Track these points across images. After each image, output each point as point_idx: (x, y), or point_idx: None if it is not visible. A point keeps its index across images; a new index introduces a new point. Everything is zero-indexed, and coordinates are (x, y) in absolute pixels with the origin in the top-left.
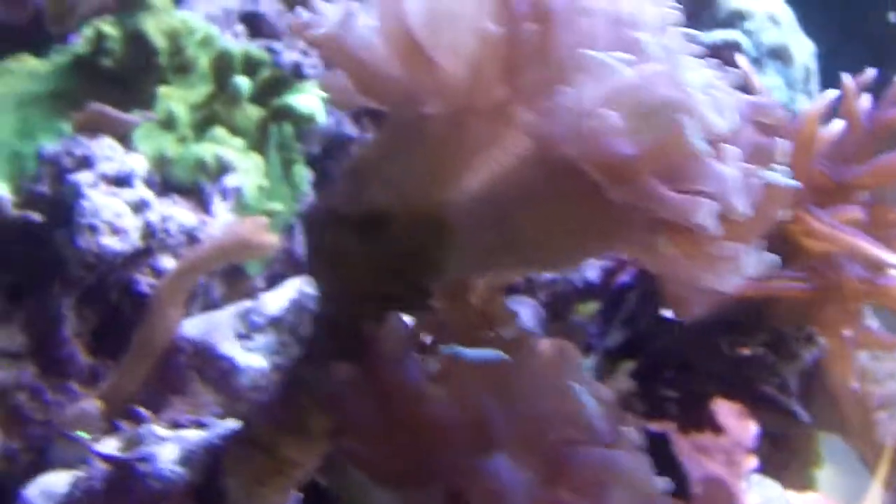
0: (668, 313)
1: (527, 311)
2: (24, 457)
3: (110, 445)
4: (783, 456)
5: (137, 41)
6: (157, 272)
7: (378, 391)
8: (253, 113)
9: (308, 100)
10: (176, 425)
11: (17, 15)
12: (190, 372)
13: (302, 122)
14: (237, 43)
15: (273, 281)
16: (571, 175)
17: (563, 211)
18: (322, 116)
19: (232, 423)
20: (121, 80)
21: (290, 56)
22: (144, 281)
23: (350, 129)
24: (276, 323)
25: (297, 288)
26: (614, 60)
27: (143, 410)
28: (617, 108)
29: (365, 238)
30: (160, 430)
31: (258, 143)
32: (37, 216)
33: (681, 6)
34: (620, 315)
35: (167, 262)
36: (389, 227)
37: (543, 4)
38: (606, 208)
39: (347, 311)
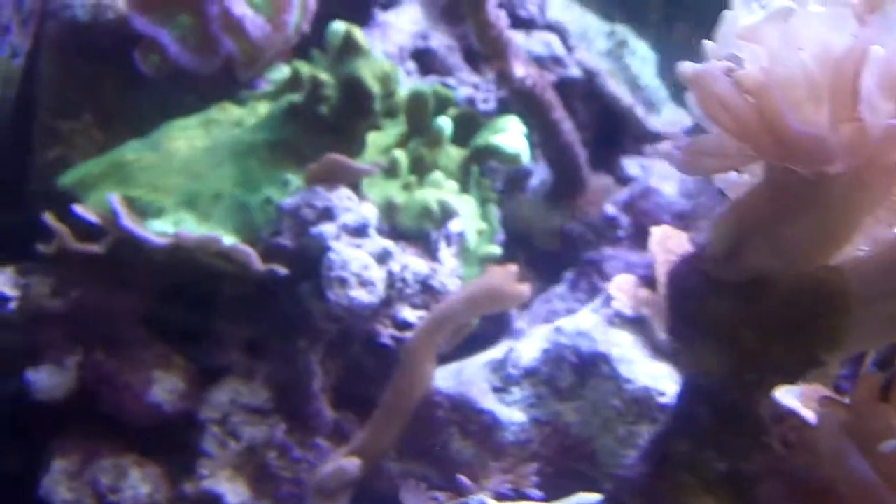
0: None
1: None
2: None
3: None
4: None
5: (354, 87)
6: (397, 323)
7: (813, 488)
8: (455, 153)
9: (513, 139)
10: (499, 496)
11: (209, 63)
12: (449, 427)
13: (508, 161)
14: (418, 81)
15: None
16: None
17: None
18: (527, 156)
19: (583, 498)
20: (335, 127)
21: (464, 91)
22: (386, 332)
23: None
24: (531, 375)
25: (547, 337)
26: None
27: (464, 479)
28: None
29: (744, 305)
30: (490, 501)
31: (461, 183)
32: (282, 270)
33: None
34: (872, 357)
35: (406, 313)
36: (774, 293)
37: None
38: None
39: (726, 381)
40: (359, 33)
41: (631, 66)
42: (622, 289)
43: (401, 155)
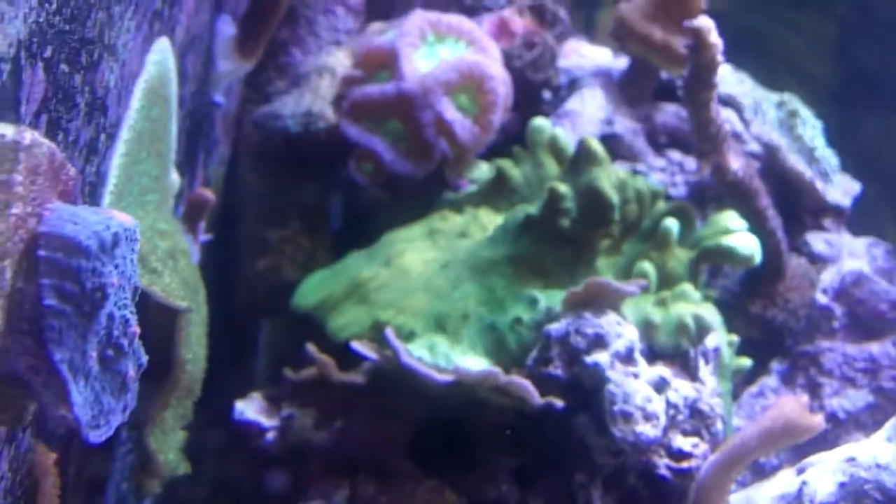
0: None
1: None
2: None
3: None
4: None
5: (594, 198)
6: (673, 453)
7: None
8: (682, 255)
9: (745, 240)
10: None
11: (423, 169)
12: None
13: (740, 263)
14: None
15: None
16: None
17: None
18: (759, 256)
19: None
20: (573, 239)
21: (655, 178)
22: (662, 463)
23: None
24: None
25: (841, 468)
26: None
27: None
28: None
29: None
30: None
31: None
32: (559, 403)
33: None
34: None
35: (679, 441)
36: None
37: None
38: None
39: None
40: (595, 143)
41: (804, 136)
42: None
43: (649, 268)
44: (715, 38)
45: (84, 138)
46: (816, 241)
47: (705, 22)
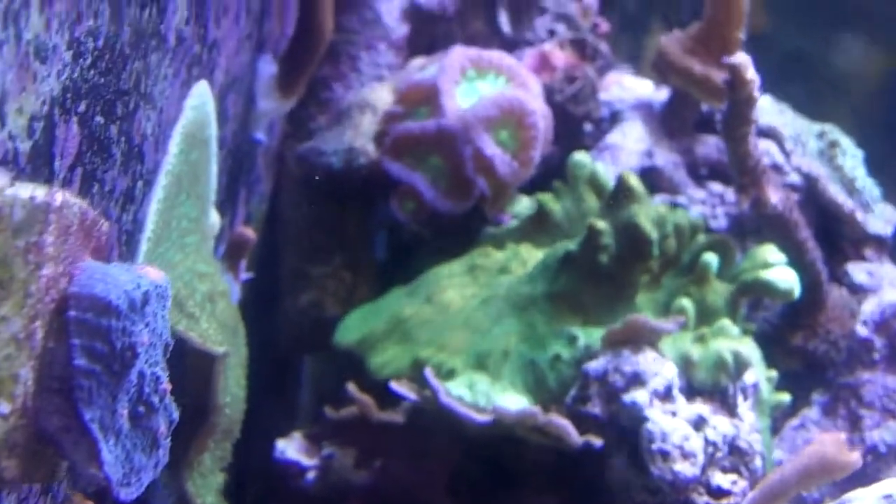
0: None
1: None
2: None
3: None
4: None
5: (633, 234)
6: (712, 491)
7: None
8: (721, 289)
9: (784, 273)
10: None
11: (463, 205)
12: None
13: (779, 297)
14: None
15: None
16: None
17: None
18: (798, 290)
19: None
20: (612, 274)
21: (695, 210)
22: (701, 502)
23: None
24: None
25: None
26: None
27: None
28: None
29: None
30: None
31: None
32: (598, 441)
33: None
34: None
35: (718, 479)
36: None
37: None
38: None
39: None
40: (633, 178)
41: (844, 166)
42: None
43: (688, 304)
44: (752, 75)
45: (120, 187)
46: (857, 271)
47: (742, 58)
